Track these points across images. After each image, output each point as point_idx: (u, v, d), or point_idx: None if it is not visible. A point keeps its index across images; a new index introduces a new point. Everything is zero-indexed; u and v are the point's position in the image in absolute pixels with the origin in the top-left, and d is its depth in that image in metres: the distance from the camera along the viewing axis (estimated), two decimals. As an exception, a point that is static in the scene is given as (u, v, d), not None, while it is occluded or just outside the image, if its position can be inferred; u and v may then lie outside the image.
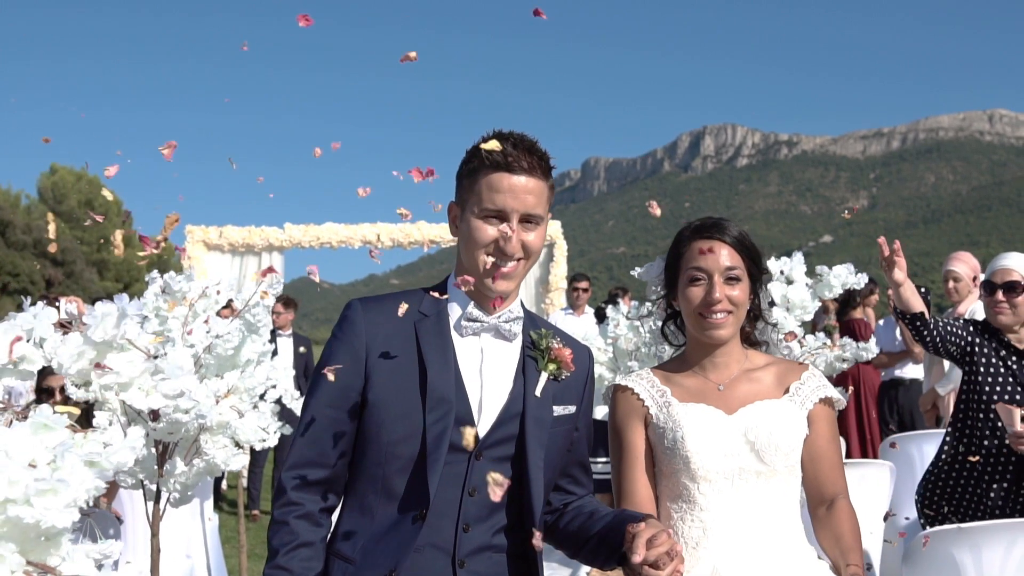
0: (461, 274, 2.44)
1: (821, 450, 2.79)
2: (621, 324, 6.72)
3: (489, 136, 2.39)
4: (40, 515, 1.28)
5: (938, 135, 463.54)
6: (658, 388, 2.85)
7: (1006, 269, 4.38)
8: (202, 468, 3.67)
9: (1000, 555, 3.65)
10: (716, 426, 2.72)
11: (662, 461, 2.78)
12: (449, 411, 2.32)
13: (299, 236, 13.49)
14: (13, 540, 1.30)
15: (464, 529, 2.34)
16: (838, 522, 2.73)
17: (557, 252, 13.49)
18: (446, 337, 2.40)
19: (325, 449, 2.35)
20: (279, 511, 2.32)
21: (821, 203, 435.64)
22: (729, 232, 2.78)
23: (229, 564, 7.31)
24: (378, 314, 2.39)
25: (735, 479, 2.69)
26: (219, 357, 3.72)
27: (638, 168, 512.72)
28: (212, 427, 3.63)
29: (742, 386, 2.81)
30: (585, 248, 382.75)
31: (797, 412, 2.76)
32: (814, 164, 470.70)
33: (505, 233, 2.35)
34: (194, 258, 13.25)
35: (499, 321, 2.43)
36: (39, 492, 1.29)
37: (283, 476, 2.35)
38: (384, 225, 13.58)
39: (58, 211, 52.85)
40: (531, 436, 2.39)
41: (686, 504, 2.72)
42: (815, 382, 2.83)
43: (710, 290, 2.73)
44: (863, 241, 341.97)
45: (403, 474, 2.33)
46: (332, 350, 2.39)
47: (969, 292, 7.00)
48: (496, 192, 2.34)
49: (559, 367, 2.47)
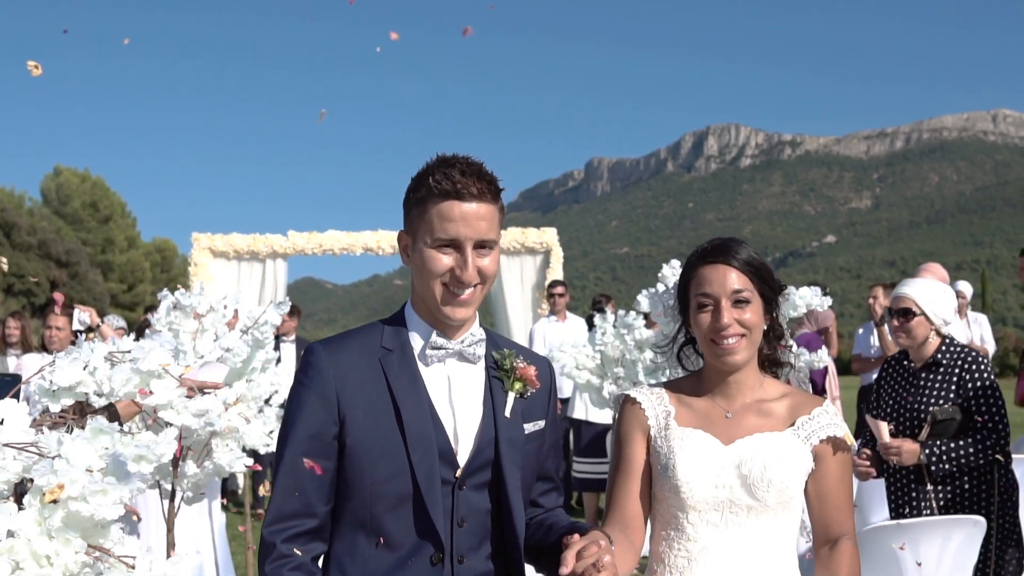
0: (417, 303, 2.44)
1: (828, 489, 2.74)
2: (608, 332, 7.02)
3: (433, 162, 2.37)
4: (94, 510, 1.65)
5: (942, 135, 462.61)
6: (664, 408, 2.81)
7: (899, 297, 4.84)
8: (211, 470, 4.04)
9: (936, 549, 4.01)
10: (710, 456, 2.68)
11: (656, 484, 2.76)
12: (431, 446, 2.32)
13: (302, 243, 13.80)
14: (75, 528, 1.67)
15: (459, 561, 2.35)
16: (837, 563, 2.69)
17: (553, 259, 13.79)
18: (413, 370, 2.38)
19: (309, 499, 2.31)
20: (270, 567, 2.26)
21: (825, 203, 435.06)
22: (735, 254, 2.72)
23: (235, 560, 7.74)
24: (342, 355, 2.36)
25: (725, 512, 2.66)
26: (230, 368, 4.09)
27: (641, 168, 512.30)
28: (221, 432, 4.00)
29: (750, 417, 2.75)
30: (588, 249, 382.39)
31: (800, 447, 2.70)
32: (818, 164, 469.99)
33: (461, 263, 2.33)
34: (200, 264, 13.57)
35: (463, 346, 2.41)
36: (93, 492, 1.65)
37: (268, 532, 2.29)
38: (385, 232, 13.90)
39: (62, 213, 53.25)
40: (506, 459, 2.39)
41: (675, 532, 2.70)
42: (825, 419, 2.76)
43: (718, 315, 2.67)
44: (866, 241, 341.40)
45: (393, 514, 2.32)
46: (300, 398, 2.34)
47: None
48: (448, 221, 2.31)
49: (525, 385, 2.46)
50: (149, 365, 2.51)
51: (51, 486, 1.65)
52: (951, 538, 4.01)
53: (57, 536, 1.65)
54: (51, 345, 7.87)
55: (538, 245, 13.98)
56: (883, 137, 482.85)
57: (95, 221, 54.96)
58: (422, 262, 2.36)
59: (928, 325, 4.76)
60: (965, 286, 10.68)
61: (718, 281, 2.69)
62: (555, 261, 13.83)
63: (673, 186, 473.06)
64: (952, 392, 4.65)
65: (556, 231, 14.23)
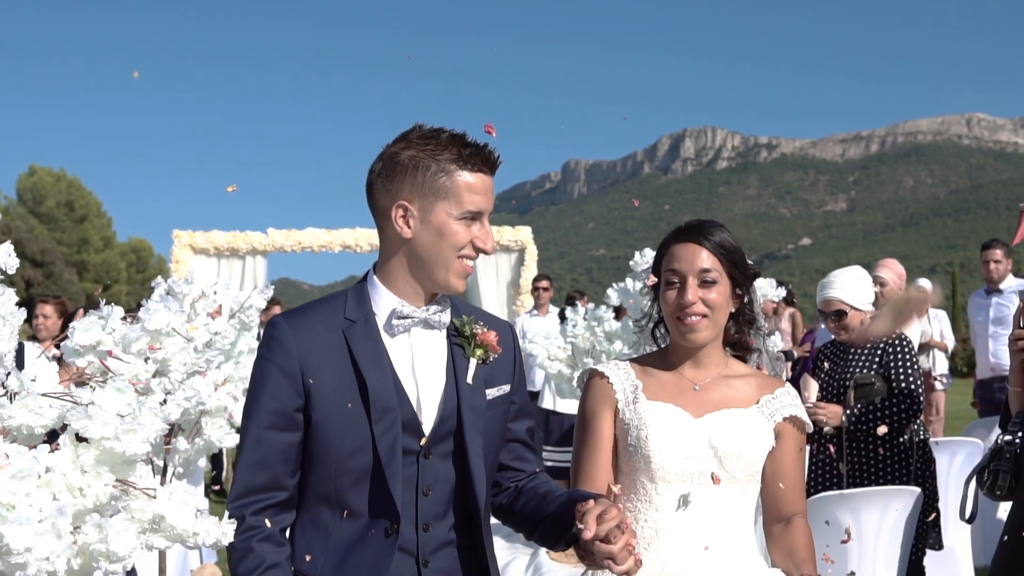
0: (391, 272, 2.39)
1: (784, 468, 2.79)
2: (579, 325, 7.30)
3: (442, 133, 2.32)
4: (125, 447, 1.93)
5: (916, 139, 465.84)
6: (632, 381, 2.83)
7: (829, 301, 5.21)
8: (202, 446, 4.31)
9: (876, 517, 4.32)
10: (681, 429, 2.71)
11: (623, 457, 2.78)
12: (395, 419, 2.29)
13: (282, 240, 14.03)
14: (106, 464, 1.95)
15: (424, 529, 2.34)
16: (793, 538, 2.74)
17: (528, 256, 14.07)
18: (377, 341, 2.35)
19: (276, 473, 2.29)
20: (239, 538, 2.21)
21: (800, 206, 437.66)
22: (708, 235, 2.76)
23: (217, 546, 8.01)
24: (305, 329, 2.33)
25: (693, 483, 2.69)
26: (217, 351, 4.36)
27: (618, 170, 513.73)
28: (211, 411, 4.27)
29: (717, 390, 2.79)
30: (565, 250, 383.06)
31: (764, 424, 2.76)
32: (793, 167, 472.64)
33: (484, 235, 2.35)
34: (180, 261, 13.78)
35: (428, 314, 2.38)
36: (124, 432, 1.94)
37: (236, 506, 2.26)
38: (363, 230, 14.15)
39: (37, 212, 53.07)
40: (468, 425, 2.37)
41: (641, 504, 2.73)
42: (787, 399, 2.82)
43: (684, 292, 2.72)
44: (841, 244, 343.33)
45: (357, 487, 2.30)
46: (264, 372, 2.31)
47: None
48: (475, 193, 2.31)
49: (486, 351, 2.43)
50: (156, 324, 2.82)
51: (86, 430, 1.94)
52: (889, 507, 4.33)
53: (90, 471, 1.93)
54: (39, 334, 8.08)
55: (513, 243, 14.26)
56: (858, 140, 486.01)
57: (70, 221, 54.74)
58: (441, 233, 2.31)
59: (859, 314, 5.17)
60: (926, 283, 11.07)
61: (687, 259, 2.74)
62: (530, 259, 14.09)
63: (650, 188, 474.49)
64: (875, 364, 5.09)
65: (531, 229, 14.52)
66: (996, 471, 3.62)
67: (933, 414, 10.27)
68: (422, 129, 2.34)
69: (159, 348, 2.92)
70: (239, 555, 2.23)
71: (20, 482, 1.80)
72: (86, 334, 2.76)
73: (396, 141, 2.36)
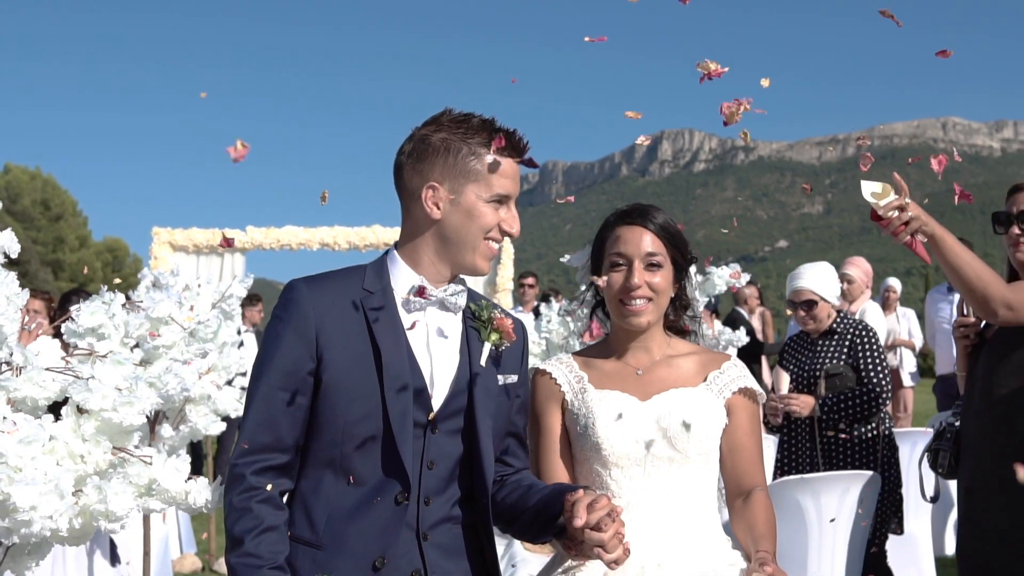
0: (416, 250, 2.42)
1: (739, 442, 2.78)
2: (553, 320, 7.46)
3: (474, 118, 2.39)
4: (123, 418, 2.08)
5: (892, 142, 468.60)
6: (576, 373, 2.85)
7: (799, 291, 5.39)
8: (187, 433, 4.45)
9: (836, 500, 4.49)
10: (629, 412, 2.72)
11: (576, 447, 2.80)
12: (407, 387, 2.31)
13: (260, 238, 14.08)
14: (106, 434, 2.10)
15: (425, 502, 2.34)
16: (753, 512, 2.71)
17: (504, 255, 14.16)
18: (394, 314, 2.37)
19: (280, 434, 2.28)
20: (238, 497, 2.22)
21: (777, 208, 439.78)
22: (652, 218, 2.77)
23: (196, 537, 8.20)
24: (323, 293, 2.35)
25: (647, 465, 2.70)
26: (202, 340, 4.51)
27: (596, 172, 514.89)
28: (195, 399, 4.41)
29: (661, 371, 2.80)
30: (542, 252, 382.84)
31: (713, 401, 2.76)
32: (770, 170, 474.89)
33: (511, 218, 2.43)
34: (159, 258, 13.83)
35: (446, 294, 2.41)
36: (122, 404, 2.09)
37: (238, 463, 2.25)
38: (341, 228, 14.23)
39: (12, 211, 52.77)
40: (480, 405, 2.39)
41: (598, 490, 2.69)
42: (735, 372, 2.82)
43: (630, 275, 2.72)
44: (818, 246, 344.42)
45: (363, 453, 2.30)
46: (278, 332, 2.32)
47: (861, 293, 7.95)
48: (507, 178, 2.39)
49: (501, 337, 2.46)
50: (159, 313, 2.97)
51: (86, 402, 2.08)
52: (849, 491, 4.50)
53: (90, 439, 2.08)
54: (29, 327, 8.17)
55: (491, 242, 14.31)
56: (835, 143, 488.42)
57: (45, 219, 54.47)
58: (470, 215, 2.37)
59: (827, 306, 5.37)
60: (895, 281, 11.35)
61: (633, 242, 2.75)
62: (506, 257, 14.20)
63: (627, 190, 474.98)
64: (844, 355, 5.29)
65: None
66: (937, 450, 3.88)
67: (901, 411, 10.49)
68: (452, 113, 2.40)
69: (158, 336, 3.07)
70: (237, 514, 2.22)
71: (27, 446, 1.94)
72: (91, 317, 2.91)
73: (426, 124, 2.42)
